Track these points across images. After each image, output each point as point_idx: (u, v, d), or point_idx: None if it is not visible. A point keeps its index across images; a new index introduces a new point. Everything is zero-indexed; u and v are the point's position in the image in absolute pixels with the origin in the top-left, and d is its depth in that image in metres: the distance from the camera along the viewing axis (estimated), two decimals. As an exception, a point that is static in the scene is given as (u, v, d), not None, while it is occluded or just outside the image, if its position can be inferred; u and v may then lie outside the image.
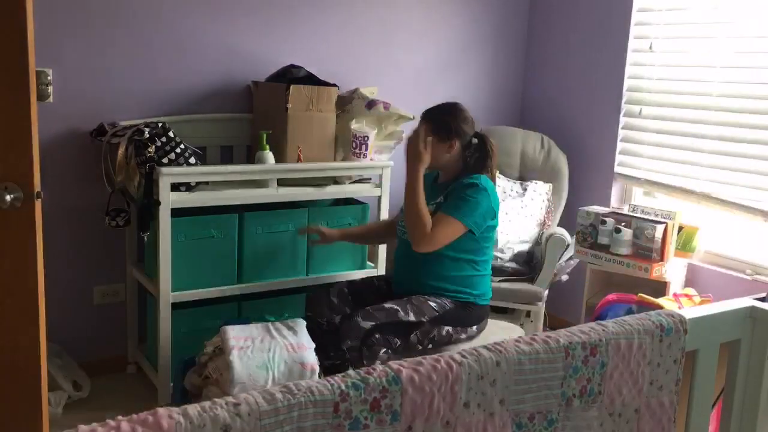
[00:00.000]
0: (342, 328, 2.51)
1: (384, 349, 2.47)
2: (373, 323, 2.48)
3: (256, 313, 3.15)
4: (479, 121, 4.07)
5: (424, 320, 2.57)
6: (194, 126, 3.18)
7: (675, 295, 3.13)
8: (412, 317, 2.55)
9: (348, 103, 3.33)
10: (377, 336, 2.47)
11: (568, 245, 3.47)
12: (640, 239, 3.29)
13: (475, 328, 2.70)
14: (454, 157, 2.69)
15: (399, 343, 2.53)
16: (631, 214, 3.40)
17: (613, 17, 3.71)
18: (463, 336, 2.67)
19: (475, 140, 2.72)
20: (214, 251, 2.96)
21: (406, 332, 2.54)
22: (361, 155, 3.22)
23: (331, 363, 2.67)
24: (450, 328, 2.62)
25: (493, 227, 2.69)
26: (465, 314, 2.67)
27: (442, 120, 2.67)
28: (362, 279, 2.97)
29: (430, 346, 2.60)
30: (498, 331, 2.82)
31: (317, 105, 3.10)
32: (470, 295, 2.68)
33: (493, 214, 2.66)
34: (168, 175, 2.75)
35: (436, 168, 2.76)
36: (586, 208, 3.49)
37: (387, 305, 2.55)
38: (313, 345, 2.58)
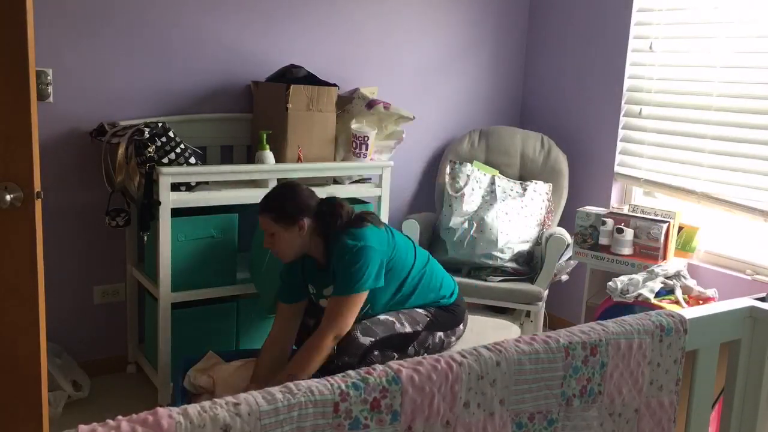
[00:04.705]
0: (339, 344, 2.41)
1: None
2: (373, 339, 2.41)
3: (255, 313, 3.16)
4: (479, 122, 4.10)
5: (419, 329, 2.53)
6: (194, 126, 3.18)
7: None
8: (408, 328, 2.50)
9: (348, 103, 3.33)
10: (376, 353, 2.41)
11: (568, 245, 3.47)
12: (641, 239, 3.29)
13: (461, 326, 2.68)
14: (309, 235, 2.48)
15: (397, 356, 2.47)
16: (629, 213, 3.41)
17: (613, 17, 3.71)
18: (453, 339, 2.65)
19: (323, 207, 2.51)
20: (214, 251, 2.95)
21: (404, 345, 2.49)
22: (361, 155, 3.23)
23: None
24: (441, 334, 2.59)
25: (392, 247, 2.52)
26: (450, 317, 2.64)
27: (279, 207, 2.46)
28: None
29: (426, 354, 2.57)
30: (497, 331, 2.82)
31: (317, 105, 3.10)
32: (441, 299, 2.63)
33: (384, 257, 2.45)
34: (168, 175, 2.75)
35: (301, 254, 2.53)
36: (584, 209, 3.49)
37: (382, 317, 2.48)
38: None
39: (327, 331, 2.36)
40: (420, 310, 2.58)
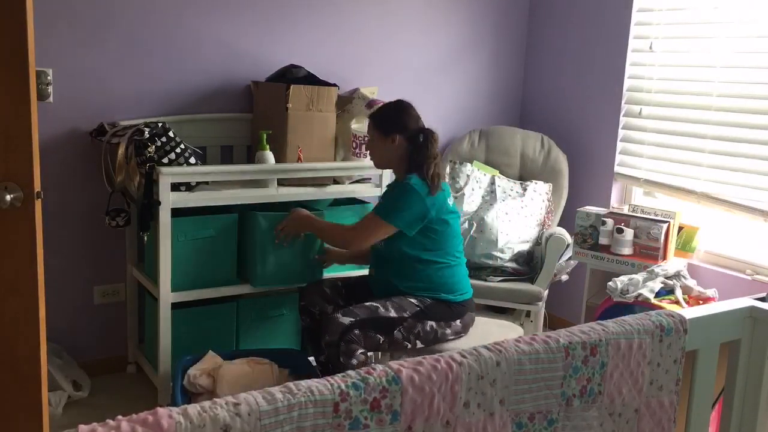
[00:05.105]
0: (322, 325, 2.55)
1: (361, 349, 2.49)
2: (353, 319, 2.50)
3: (255, 313, 3.16)
4: (479, 122, 4.10)
5: (406, 315, 2.58)
6: (194, 126, 3.18)
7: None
8: (392, 313, 2.57)
9: (348, 103, 3.33)
10: (356, 332, 2.49)
11: (568, 245, 3.47)
12: (641, 239, 3.29)
13: (458, 322, 2.70)
14: (399, 153, 2.70)
15: (383, 339, 2.54)
16: (629, 213, 3.41)
17: (613, 17, 3.71)
18: (449, 331, 2.67)
19: (421, 137, 2.69)
20: (214, 251, 2.95)
21: (389, 328, 2.55)
22: (361, 155, 3.22)
23: (325, 358, 2.67)
24: (434, 323, 2.63)
25: (445, 222, 2.67)
26: (446, 310, 2.67)
27: (382, 115, 2.74)
28: (357, 276, 3.01)
29: (419, 342, 2.60)
30: (497, 331, 2.82)
31: (317, 105, 3.10)
32: (444, 293, 2.68)
33: (426, 214, 2.61)
34: (168, 175, 2.75)
35: (386, 167, 2.84)
36: (584, 209, 3.49)
37: (367, 303, 2.59)
38: None
39: (348, 230, 2.73)
40: (411, 299, 2.63)
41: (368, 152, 2.85)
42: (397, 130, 2.68)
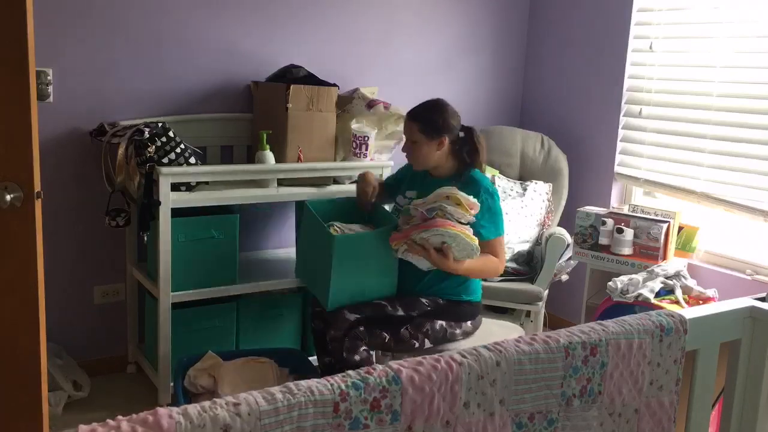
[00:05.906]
0: (328, 319, 2.56)
1: (364, 346, 2.49)
2: (359, 316, 2.51)
3: (255, 313, 3.16)
4: (479, 121, 4.10)
5: (414, 314, 2.58)
6: (194, 126, 3.18)
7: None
8: (400, 312, 2.57)
9: (348, 103, 3.33)
10: (361, 329, 2.49)
11: (568, 245, 3.47)
12: (641, 239, 3.29)
13: (469, 323, 2.70)
14: (444, 154, 2.68)
15: (389, 337, 2.53)
16: (629, 213, 3.41)
17: (613, 17, 3.71)
18: (458, 331, 2.67)
19: (461, 134, 2.70)
20: (214, 251, 2.95)
21: (396, 326, 2.55)
22: (361, 155, 3.22)
23: (329, 352, 2.67)
24: (443, 323, 2.63)
25: None
26: (457, 310, 2.67)
27: (428, 118, 2.66)
28: None
29: (427, 341, 2.60)
30: (498, 331, 2.82)
31: (317, 105, 3.10)
32: (462, 294, 2.69)
33: None
34: (168, 175, 2.75)
35: (428, 167, 2.73)
36: (584, 209, 3.49)
37: (376, 301, 2.60)
38: None
39: (499, 262, 2.64)
40: (422, 300, 2.62)
41: (407, 154, 2.72)
42: (445, 133, 2.65)
